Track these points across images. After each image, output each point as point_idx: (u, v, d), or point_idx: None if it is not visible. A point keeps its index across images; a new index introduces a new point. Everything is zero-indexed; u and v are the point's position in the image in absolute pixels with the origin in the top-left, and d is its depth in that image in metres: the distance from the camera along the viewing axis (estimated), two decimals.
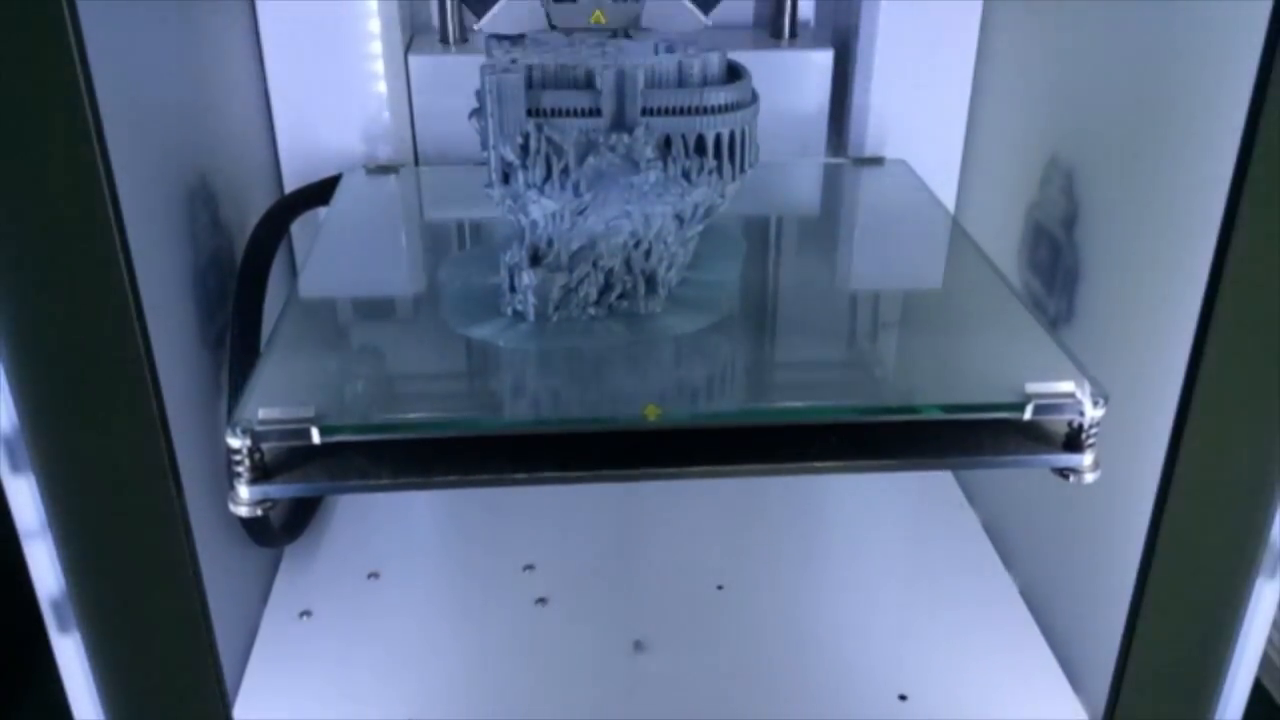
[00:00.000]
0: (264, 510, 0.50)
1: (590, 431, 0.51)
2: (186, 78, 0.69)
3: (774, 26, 0.90)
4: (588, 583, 0.83)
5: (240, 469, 0.49)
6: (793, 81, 0.86)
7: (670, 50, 0.58)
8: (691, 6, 0.55)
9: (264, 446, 0.49)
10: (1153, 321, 0.63)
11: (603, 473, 0.51)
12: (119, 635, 0.51)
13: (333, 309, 0.66)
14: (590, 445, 0.51)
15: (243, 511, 0.50)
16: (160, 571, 0.49)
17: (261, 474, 0.50)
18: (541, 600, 0.81)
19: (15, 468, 0.47)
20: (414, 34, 0.88)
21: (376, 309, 0.66)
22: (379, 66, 0.82)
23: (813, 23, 0.92)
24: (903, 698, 0.72)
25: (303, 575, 0.83)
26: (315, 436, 0.49)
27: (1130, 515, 0.58)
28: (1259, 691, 0.98)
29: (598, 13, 0.56)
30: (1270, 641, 0.84)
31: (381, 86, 0.83)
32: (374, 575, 0.83)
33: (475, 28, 0.56)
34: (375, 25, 0.81)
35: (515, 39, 0.60)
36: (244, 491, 0.50)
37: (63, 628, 0.52)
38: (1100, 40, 0.69)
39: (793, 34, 0.89)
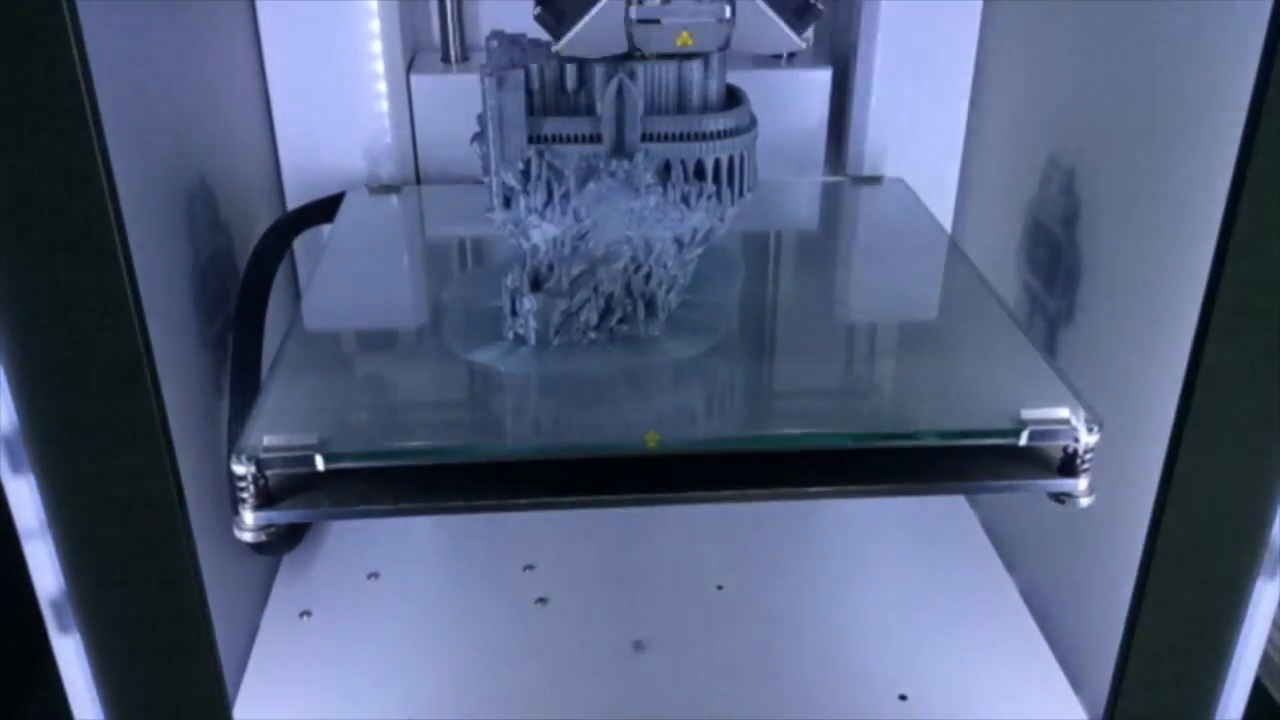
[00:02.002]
0: (268, 536, 0.51)
1: (590, 458, 0.52)
2: (186, 79, 0.69)
3: None
4: (588, 583, 0.83)
5: (245, 495, 0.50)
6: (792, 100, 0.87)
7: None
8: (785, 27, 0.54)
9: (268, 473, 0.50)
10: (1153, 320, 0.63)
11: (603, 498, 0.52)
12: (119, 635, 0.51)
13: (336, 333, 0.66)
14: (591, 471, 0.52)
15: (247, 537, 0.51)
16: (160, 572, 0.49)
17: (266, 500, 0.50)
18: (541, 600, 0.81)
19: (15, 468, 0.47)
20: (415, 52, 0.88)
21: (379, 333, 0.67)
22: (381, 85, 0.82)
23: (811, 42, 0.92)
24: (903, 698, 0.72)
25: (302, 576, 0.83)
26: (319, 464, 0.49)
27: (1130, 515, 0.58)
28: (1259, 691, 0.98)
29: (685, 34, 0.54)
30: (1270, 641, 0.84)
31: (383, 105, 0.83)
32: (374, 575, 0.83)
33: (555, 50, 0.55)
34: (377, 44, 0.81)
35: (515, 37, 0.60)
36: (249, 517, 0.50)
37: (63, 628, 0.52)
38: (1101, 39, 0.69)
39: (791, 53, 0.89)
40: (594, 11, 0.53)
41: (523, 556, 0.85)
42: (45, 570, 0.50)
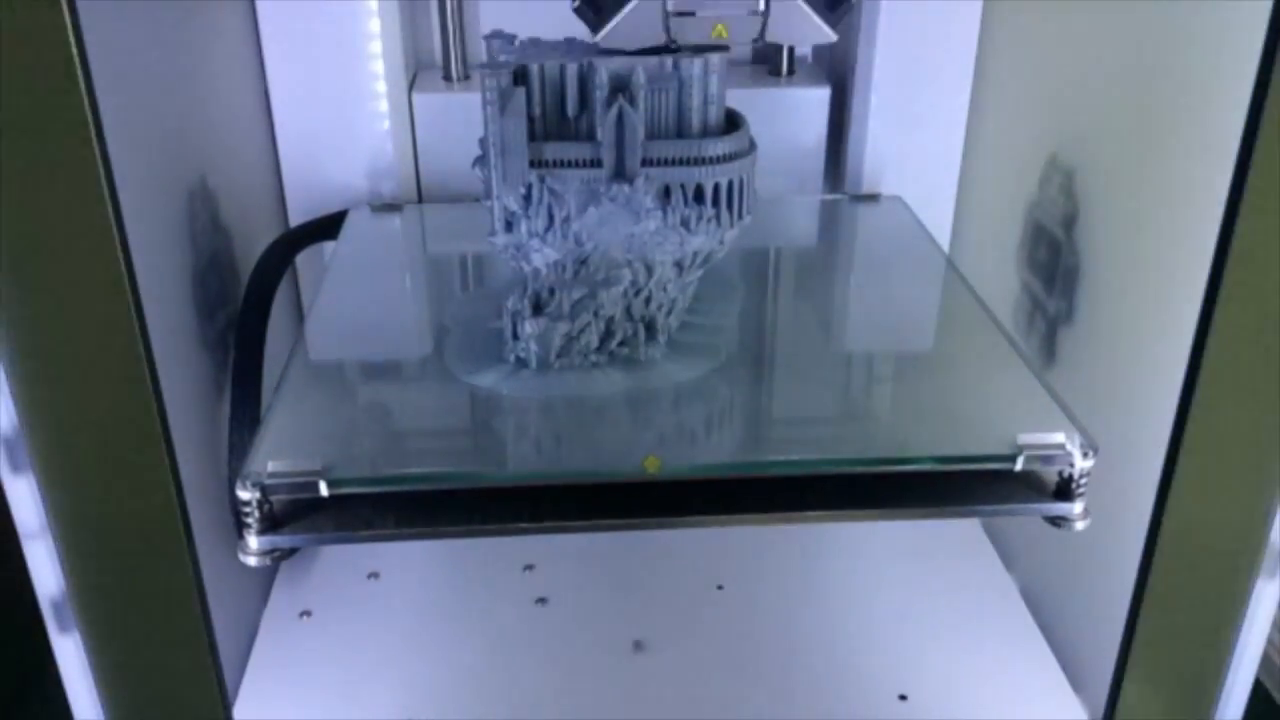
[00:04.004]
0: (272, 559, 0.51)
1: (592, 483, 0.52)
2: (188, 86, 0.69)
3: (772, 64, 0.90)
4: (588, 583, 0.83)
5: (250, 520, 0.50)
6: (791, 118, 0.87)
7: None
8: (818, 19, 0.54)
9: (273, 498, 0.50)
10: (1153, 320, 0.63)
11: (604, 522, 0.52)
12: (119, 635, 0.51)
13: (339, 356, 0.66)
14: (592, 496, 0.52)
15: (252, 561, 0.51)
16: (160, 571, 0.49)
17: (270, 524, 0.50)
18: (541, 600, 0.81)
19: (15, 468, 0.47)
20: (417, 71, 0.89)
21: (383, 356, 0.67)
22: (383, 102, 0.83)
23: (810, 60, 0.93)
24: (903, 698, 0.72)
25: (302, 575, 0.83)
26: (323, 489, 0.50)
27: (1131, 515, 0.58)
28: (1259, 691, 0.98)
29: (719, 27, 0.55)
30: (1270, 641, 0.84)
31: (385, 123, 0.83)
32: (374, 575, 0.83)
33: (594, 40, 0.56)
34: (379, 62, 0.81)
35: (513, 36, 0.60)
36: (253, 542, 0.50)
37: (63, 628, 0.52)
38: (1101, 40, 0.69)
39: (790, 71, 0.90)
40: (633, 4, 0.54)
41: (523, 556, 0.85)
42: (45, 570, 0.50)
